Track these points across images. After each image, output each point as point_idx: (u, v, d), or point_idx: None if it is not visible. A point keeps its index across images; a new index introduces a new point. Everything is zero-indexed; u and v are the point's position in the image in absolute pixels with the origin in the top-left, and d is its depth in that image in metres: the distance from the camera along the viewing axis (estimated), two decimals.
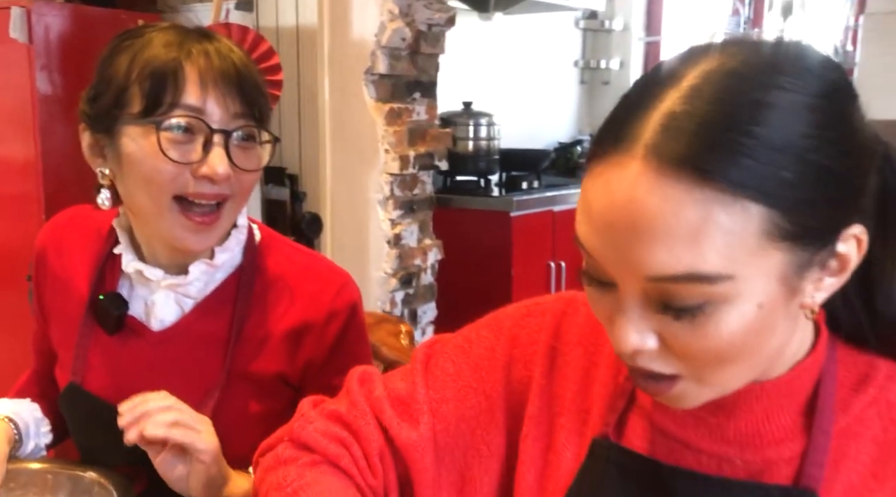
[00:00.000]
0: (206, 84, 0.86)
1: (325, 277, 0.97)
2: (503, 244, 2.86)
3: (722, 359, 0.55)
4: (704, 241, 0.50)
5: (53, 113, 2.11)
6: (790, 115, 0.51)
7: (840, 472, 0.59)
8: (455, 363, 0.74)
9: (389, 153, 2.31)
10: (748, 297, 0.52)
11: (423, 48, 2.36)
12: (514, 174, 3.20)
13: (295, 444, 0.73)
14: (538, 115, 3.91)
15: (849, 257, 0.55)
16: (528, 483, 0.70)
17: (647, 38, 4.27)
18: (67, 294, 1.00)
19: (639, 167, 0.51)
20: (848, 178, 0.53)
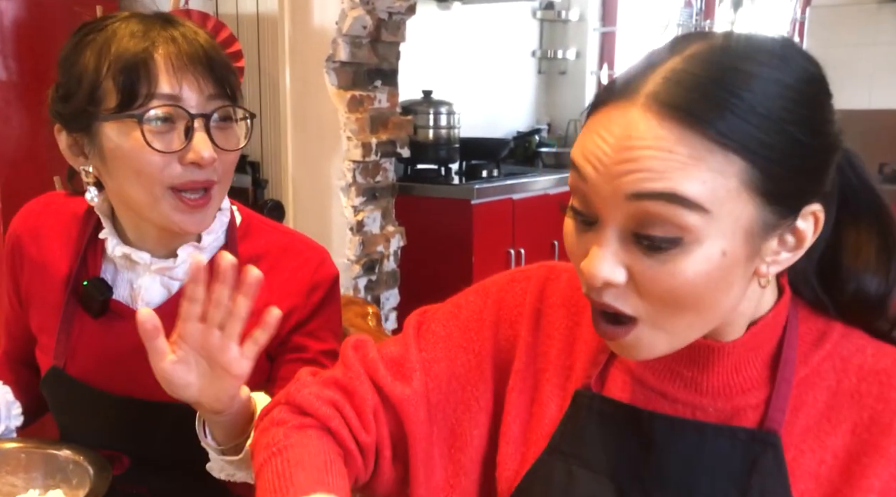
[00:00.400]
0: (178, 70, 0.86)
1: (304, 254, 0.99)
2: (464, 231, 2.90)
3: (680, 303, 0.59)
4: (691, 170, 0.56)
5: (9, 99, 2.07)
6: (774, 88, 0.57)
7: (799, 417, 0.66)
8: (445, 326, 0.79)
9: (352, 140, 2.33)
10: (715, 240, 0.57)
11: (384, 36, 2.38)
12: (474, 163, 3.24)
13: (290, 406, 0.76)
14: (497, 104, 3.95)
15: (805, 234, 0.61)
16: (514, 433, 0.75)
17: (602, 29, 4.33)
18: (47, 279, 1.00)
19: (639, 111, 0.57)
20: (816, 156, 0.59)
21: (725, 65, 0.57)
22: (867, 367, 0.66)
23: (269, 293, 0.95)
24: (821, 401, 0.66)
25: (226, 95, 0.90)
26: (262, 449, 0.72)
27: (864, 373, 0.66)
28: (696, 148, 0.55)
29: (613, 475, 0.69)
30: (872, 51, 3.50)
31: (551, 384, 0.75)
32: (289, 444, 0.71)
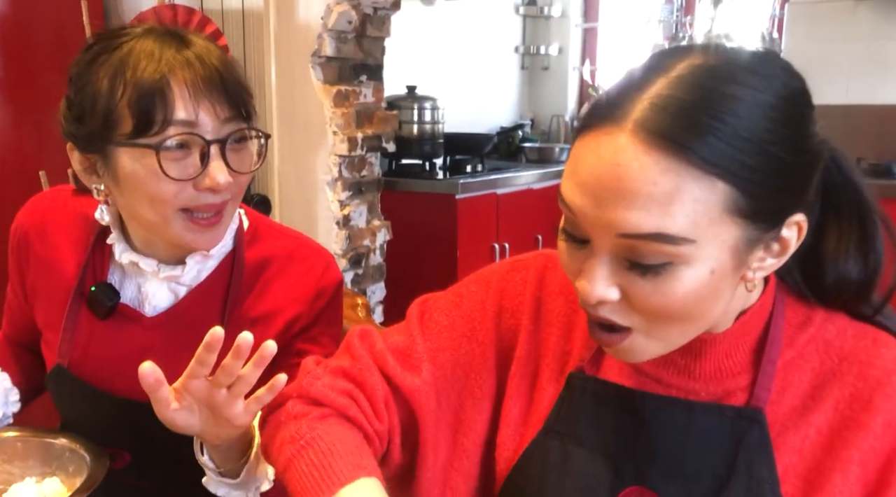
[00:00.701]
0: (194, 96, 0.85)
1: (310, 260, 1.01)
2: (448, 226, 2.92)
3: (672, 316, 0.63)
4: (675, 206, 0.58)
5: None
6: (757, 110, 0.59)
7: (785, 396, 0.70)
8: (448, 316, 0.81)
9: (337, 135, 2.34)
10: (704, 262, 0.60)
11: (369, 31, 2.39)
12: (459, 158, 3.26)
13: (304, 399, 0.77)
14: (481, 99, 3.98)
15: (789, 242, 0.64)
16: (514, 416, 0.78)
17: (584, 25, 4.37)
18: (53, 277, 1.01)
19: (627, 138, 0.59)
20: (799, 172, 0.62)
21: (710, 88, 0.59)
22: (848, 348, 0.70)
23: (274, 298, 0.98)
24: (805, 381, 0.70)
25: (241, 117, 0.89)
26: (288, 443, 0.73)
27: (846, 353, 0.70)
28: (682, 176, 0.57)
29: (607, 452, 0.72)
30: (849, 46, 3.55)
31: (550, 369, 0.78)
32: (316, 435, 0.72)
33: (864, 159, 3.38)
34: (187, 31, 0.91)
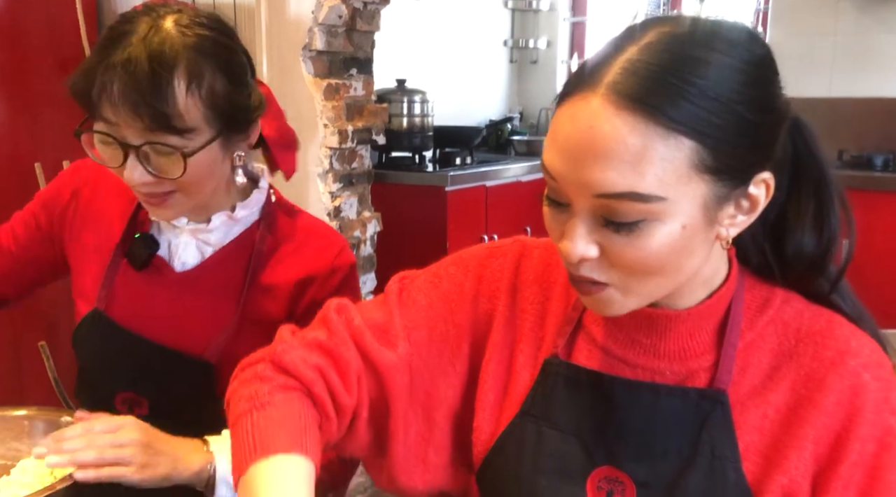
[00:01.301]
0: (115, 102, 0.88)
1: (329, 238, 1.08)
2: (438, 218, 2.95)
3: (647, 270, 0.66)
4: (645, 165, 0.61)
5: None
6: (723, 72, 0.63)
7: (745, 377, 0.73)
8: (427, 296, 0.84)
9: (328, 128, 2.37)
10: (675, 217, 0.64)
11: (360, 25, 2.42)
12: (448, 150, 3.29)
13: (275, 366, 0.77)
14: (470, 93, 4.01)
15: (758, 199, 0.68)
16: (489, 400, 0.81)
17: (572, 19, 4.41)
18: (100, 229, 1.09)
19: (599, 101, 0.62)
20: (764, 131, 0.66)
21: (679, 53, 0.63)
22: (804, 330, 0.73)
23: (293, 268, 1.05)
24: (764, 362, 0.73)
25: (167, 128, 0.90)
26: (244, 400, 0.75)
27: (802, 335, 0.73)
28: (650, 136, 0.61)
29: (579, 434, 0.76)
30: (832, 40, 3.61)
31: (524, 355, 0.81)
32: (271, 402, 0.73)
33: (846, 151, 3.44)
34: (147, 24, 0.91)
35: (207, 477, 0.92)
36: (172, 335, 1.04)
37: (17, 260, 1.14)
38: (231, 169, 1.03)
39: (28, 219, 1.14)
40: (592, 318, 0.79)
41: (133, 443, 0.87)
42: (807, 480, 0.70)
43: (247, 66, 1.01)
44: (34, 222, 1.13)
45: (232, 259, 1.06)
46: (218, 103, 0.93)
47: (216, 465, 0.92)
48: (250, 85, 1.01)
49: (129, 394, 1.05)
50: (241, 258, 1.06)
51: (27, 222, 1.14)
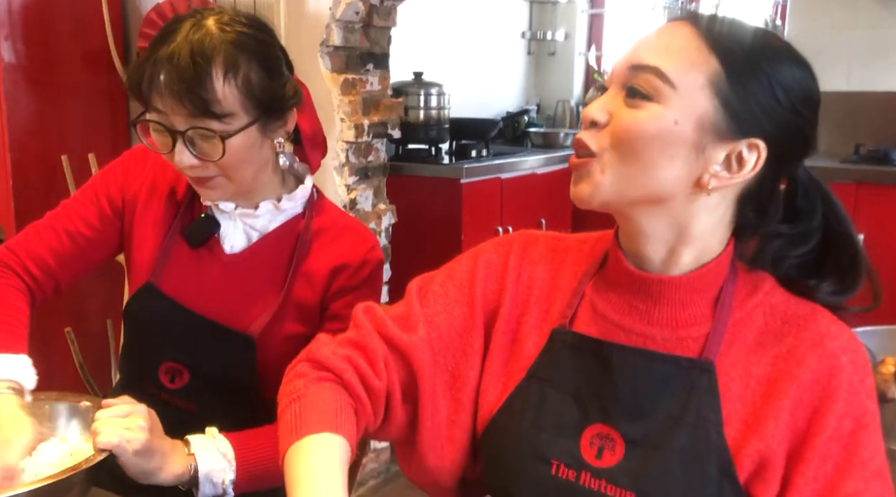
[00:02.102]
0: (163, 92, 1.01)
1: (363, 235, 1.18)
2: (453, 210, 2.98)
3: (631, 145, 0.77)
4: (678, 59, 0.76)
5: (17, 81, 2.17)
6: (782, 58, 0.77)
7: (732, 350, 0.81)
8: (443, 286, 0.93)
9: (345, 122, 2.42)
10: (672, 110, 0.76)
11: (376, 21, 2.47)
12: (464, 143, 3.31)
13: (310, 362, 0.89)
14: (487, 85, 4.04)
15: (746, 162, 0.77)
16: (496, 366, 0.89)
17: (590, 11, 4.41)
18: (160, 207, 1.19)
19: (676, 22, 0.79)
20: (768, 99, 0.76)
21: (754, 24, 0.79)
22: (790, 312, 0.81)
23: (330, 257, 1.15)
24: (750, 338, 0.81)
25: (207, 114, 1.01)
26: (284, 396, 0.86)
27: (788, 317, 0.81)
28: (696, 45, 0.76)
29: (577, 395, 0.84)
30: (851, 34, 3.59)
31: (528, 325, 0.89)
32: (307, 393, 0.84)
33: (863, 145, 3.43)
34: (187, 22, 1.03)
35: (189, 478, 0.99)
36: (219, 311, 1.14)
37: (90, 243, 1.19)
38: (274, 156, 1.13)
39: (97, 201, 1.19)
40: (595, 288, 0.87)
41: (139, 428, 0.94)
42: (782, 448, 0.76)
43: (281, 58, 1.11)
44: (106, 203, 1.19)
45: (276, 245, 1.16)
46: (253, 91, 1.04)
47: (198, 465, 0.99)
48: (285, 75, 1.11)
49: (172, 364, 1.15)
50: (284, 245, 1.16)
51: (97, 204, 1.19)
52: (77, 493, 0.90)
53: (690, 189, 0.78)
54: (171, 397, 1.16)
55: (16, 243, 1.17)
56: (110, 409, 0.96)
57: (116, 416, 0.95)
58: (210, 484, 1.00)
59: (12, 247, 1.17)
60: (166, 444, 0.99)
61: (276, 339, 1.13)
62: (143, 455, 0.94)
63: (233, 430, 1.05)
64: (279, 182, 1.18)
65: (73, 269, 1.20)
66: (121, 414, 0.95)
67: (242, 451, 1.03)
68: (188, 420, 1.08)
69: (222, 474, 1.01)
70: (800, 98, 0.77)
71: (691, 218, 0.79)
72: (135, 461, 0.93)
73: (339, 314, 1.14)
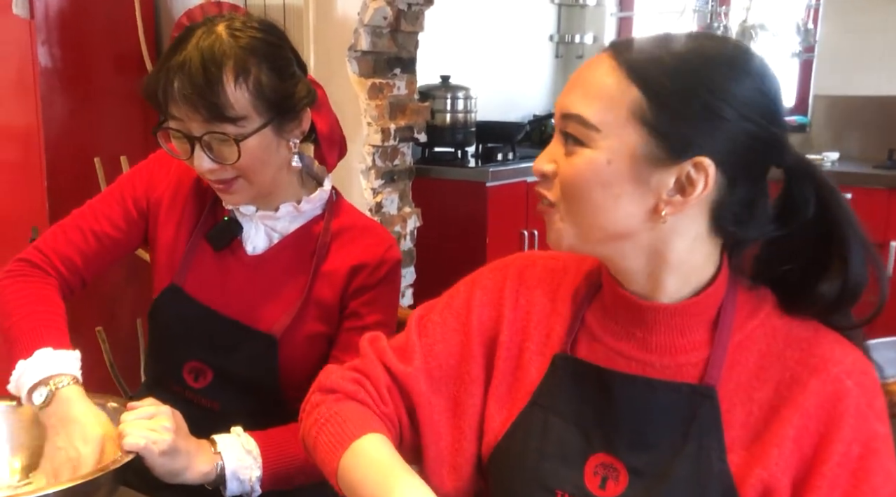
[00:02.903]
0: (178, 100, 1.03)
1: (381, 235, 1.20)
2: (479, 213, 2.99)
3: (577, 193, 0.76)
4: (597, 99, 0.75)
5: (53, 85, 2.21)
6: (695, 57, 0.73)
7: (733, 375, 0.79)
8: (441, 315, 0.93)
9: (372, 126, 2.44)
10: (603, 151, 0.74)
11: (404, 26, 2.49)
12: (490, 146, 3.32)
13: (322, 391, 0.90)
14: (514, 88, 4.04)
15: (695, 182, 0.74)
16: (500, 392, 0.89)
17: (619, 14, 4.39)
18: (187, 208, 1.21)
19: (603, 54, 0.78)
20: (705, 115, 0.73)
21: (675, 36, 0.76)
22: (793, 335, 0.78)
23: (349, 257, 1.17)
24: (752, 361, 0.79)
25: (220, 118, 1.03)
26: (312, 426, 0.87)
27: (791, 340, 0.78)
28: (613, 78, 0.74)
29: (580, 423, 0.83)
30: (884, 37, 3.53)
31: (530, 352, 0.88)
32: (333, 413, 0.86)
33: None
34: (200, 30, 1.05)
35: (215, 476, 1.01)
36: (242, 311, 1.16)
37: (115, 243, 1.21)
38: (290, 157, 1.15)
39: (123, 202, 1.21)
40: (593, 314, 0.86)
41: (164, 430, 0.96)
42: (787, 477, 0.75)
43: (292, 59, 1.12)
44: (132, 204, 1.21)
45: (296, 247, 1.18)
46: (265, 93, 1.05)
47: (224, 464, 1.02)
48: (297, 76, 1.12)
49: (196, 363, 1.17)
50: (305, 246, 1.18)
51: (122, 206, 1.21)
52: (104, 493, 0.92)
53: (649, 220, 0.76)
54: (195, 396, 1.18)
55: (44, 243, 1.19)
56: (136, 411, 0.98)
57: (142, 418, 0.97)
58: (237, 481, 1.03)
59: (40, 247, 1.19)
60: (192, 443, 1.00)
61: (298, 338, 1.15)
62: (168, 455, 0.96)
63: (255, 428, 1.07)
64: (298, 184, 1.19)
65: (97, 268, 1.22)
66: (146, 415, 0.97)
67: (268, 448, 1.05)
68: (212, 419, 1.11)
69: (249, 472, 1.03)
70: (745, 103, 0.72)
71: (663, 245, 0.77)
72: (161, 462, 0.95)
73: (358, 312, 1.16)
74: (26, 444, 1.05)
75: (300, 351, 1.15)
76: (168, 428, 0.97)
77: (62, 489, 0.85)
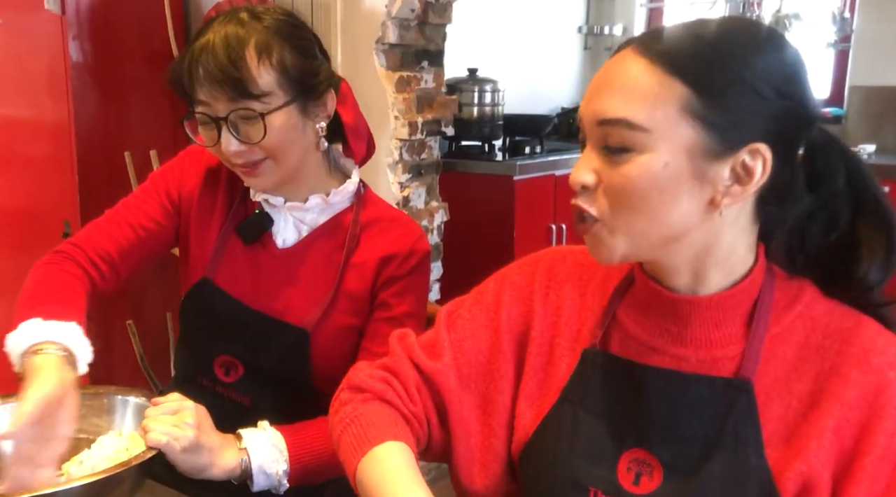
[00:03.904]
0: (203, 83, 1.05)
1: (410, 226, 1.21)
2: (506, 207, 2.98)
3: (630, 203, 0.73)
4: (640, 99, 0.71)
5: (84, 80, 2.23)
6: (740, 43, 0.71)
7: (770, 367, 0.77)
8: (471, 311, 0.92)
9: (399, 120, 2.43)
10: (658, 153, 0.71)
11: (431, 19, 2.47)
12: (518, 139, 3.30)
13: (351, 389, 0.91)
14: (542, 80, 4.01)
15: (753, 169, 0.72)
16: (531, 389, 0.88)
17: (649, 5, 4.34)
18: (218, 202, 1.23)
19: (627, 50, 0.74)
20: (766, 105, 0.71)
21: (704, 22, 0.74)
22: (833, 326, 0.77)
23: (379, 248, 1.17)
24: (790, 353, 0.77)
25: (246, 96, 1.05)
26: (337, 424, 0.88)
27: (830, 331, 0.77)
28: (652, 76, 0.71)
29: (612, 418, 0.81)
30: None
31: (561, 348, 0.87)
32: (358, 414, 0.86)
33: None
34: (221, 20, 1.07)
35: (241, 472, 1.01)
36: (273, 305, 1.16)
37: (152, 236, 1.22)
38: (317, 141, 1.15)
39: (158, 197, 1.23)
40: (625, 309, 0.85)
41: (187, 426, 0.96)
42: (827, 470, 0.73)
43: (314, 41, 1.14)
44: (166, 199, 1.23)
45: (326, 239, 1.19)
46: (288, 70, 1.07)
47: (251, 458, 1.02)
48: (319, 58, 1.14)
49: (227, 357, 1.17)
50: (334, 239, 1.19)
51: (158, 200, 1.23)
52: (129, 486, 0.93)
53: (706, 214, 0.74)
54: (225, 390, 1.18)
55: (80, 239, 1.20)
56: (160, 407, 0.98)
57: (166, 413, 0.97)
58: (264, 476, 1.03)
59: (77, 242, 1.20)
60: (216, 439, 1.00)
61: (329, 331, 1.15)
62: (191, 452, 0.96)
63: (286, 423, 1.07)
64: (326, 175, 1.20)
65: (134, 262, 1.23)
66: (170, 411, 0.98)
67: (294, 442, 1.05)
68: (242, 413, 1.11)
69: (275, 466, 1.03)
70: (781, 80, 0.71)
71: (714, 239, 0.76)
72: (183, 458, 0.96)
73: (388, 302, 1.17)
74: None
75: (331, 344, 1.15)
76: (190, 424, 0.97)
77: (85, 483, 0.86)
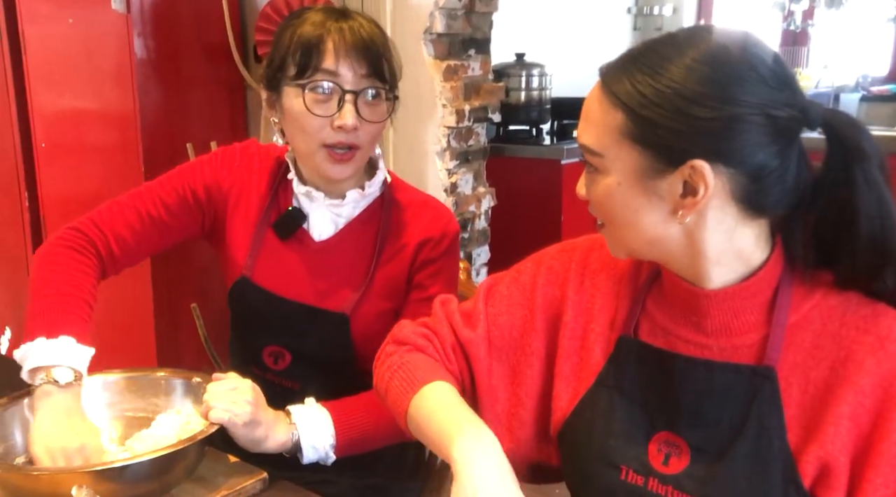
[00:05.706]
0: (340, 54, 1.12)
1: (439, 209, 1.28)
2: (553, 191, 3.00)
3: (606, 215, 0.83)
4: (593, 126, 0.80)
5: (148, 74, 2.35)
6: (677, 67, 0.74)
7: (789, 354, 0.81)
8: (508, 288, 1.00)
9: (447, 108, 2.49)
10: (611, 173, 0.80)
11: (478, 7, 2.51)
12: (566, 122, 3.31)
13: (395, 342, 0.99)
14: (591, 62, 3.96)
15: (697, 184, 0.76)
16: (566, 372, 0.94)
17: None
18: (247, 205, 1.27)
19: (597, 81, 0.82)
20: (679, 120, 0.75)
21: (648, 45, 0.79)
22: (850, 314, 0.80)
23: (413, 233, 1.25)
24: (808, 341, 0.80)
25: (378, 77, 1.15)
26: (385, 372, 0.96)
27: (847, 319, 0.79)
28: (602, 104, 0.78)
29: (644, 403, 0.87)
30: None
31: (594, 333, 0.93)
32: (404, 361, 0.94)
33: None
34: (353, 11, 1.19)
35: (292, 445, 1.10)
36: (312, 295, 1.22)
37: (167, 227, 1.25)
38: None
39: (181, 190, 1.25)
40: (653, 299, 0.90)
41: (246, 402, 1.05)
42: (844, 455, 0.76)
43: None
44: (189, 194, 1.25)
45: (361, 229, 1.25)
46: (395, 72, 1.20)
47: (299, 434, 1.10)
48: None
49: (274, 347, 1.25)
50: (368, 228, 1.25)
51: (180, 194, 1.25)
52: (192, 459, 1.02)
53: (671, 224, 0.79)
54: (275, 378, 1.26)
55: (101, 220, 1.22)
56: (220, 383, 1.07)
57: (226, 390, 1.06)
58: (312, 449, 1.11)
59: (98, 223, 1.21)
60: (269, 415, 1.09)
61: (368, 315, 1.22)
62: (249, 427, 1.05)
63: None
64: (363, 169, 1.26)
65: (146, 251, 1.26)
66: (230, 388, 1.07)
67: (339, 416, 1.13)
68: (293, 398, 1.18)
69: (323, 439, 1.12)
70: (717, 95, 0.72)
71: (699, 243, 0.80)
72: (243, 432, 1.05)
73: (422, 284, 1.24)
74: (122, 414, 1.15)
75: (371, 327, 1.21)
76: (249, 401, 1.05)
77: (154, 457, 0.94)
